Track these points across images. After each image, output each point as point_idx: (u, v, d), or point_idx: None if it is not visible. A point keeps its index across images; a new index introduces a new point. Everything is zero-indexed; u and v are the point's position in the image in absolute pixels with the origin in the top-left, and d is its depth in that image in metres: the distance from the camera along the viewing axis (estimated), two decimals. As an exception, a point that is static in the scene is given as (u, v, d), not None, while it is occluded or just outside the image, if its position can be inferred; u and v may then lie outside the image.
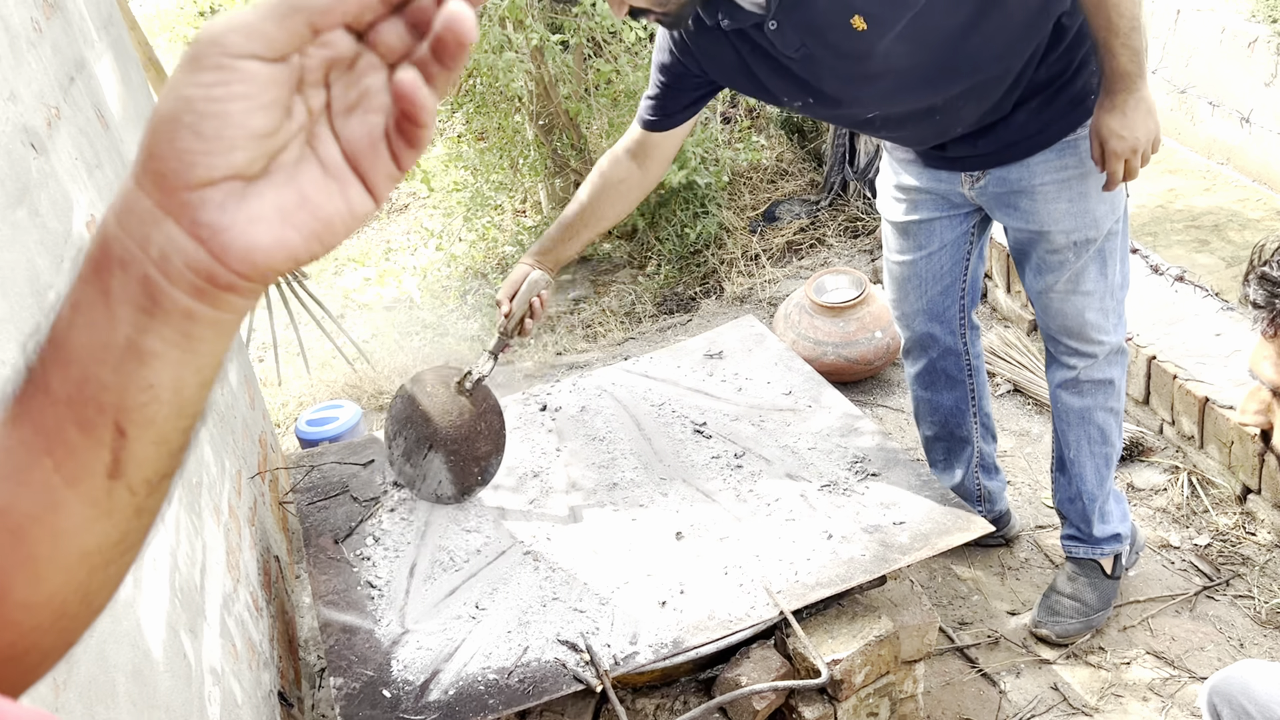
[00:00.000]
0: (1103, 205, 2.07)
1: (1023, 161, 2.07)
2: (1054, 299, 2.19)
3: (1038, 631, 2.37)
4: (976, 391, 2.49)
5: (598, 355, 3.55)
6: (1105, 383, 2.25)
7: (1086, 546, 2.37)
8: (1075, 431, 2.31)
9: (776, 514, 2.09)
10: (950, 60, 1.86)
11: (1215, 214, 4.19)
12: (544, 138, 4.23)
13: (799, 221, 4.14)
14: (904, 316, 2.42)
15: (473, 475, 2.20)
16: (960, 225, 2.28)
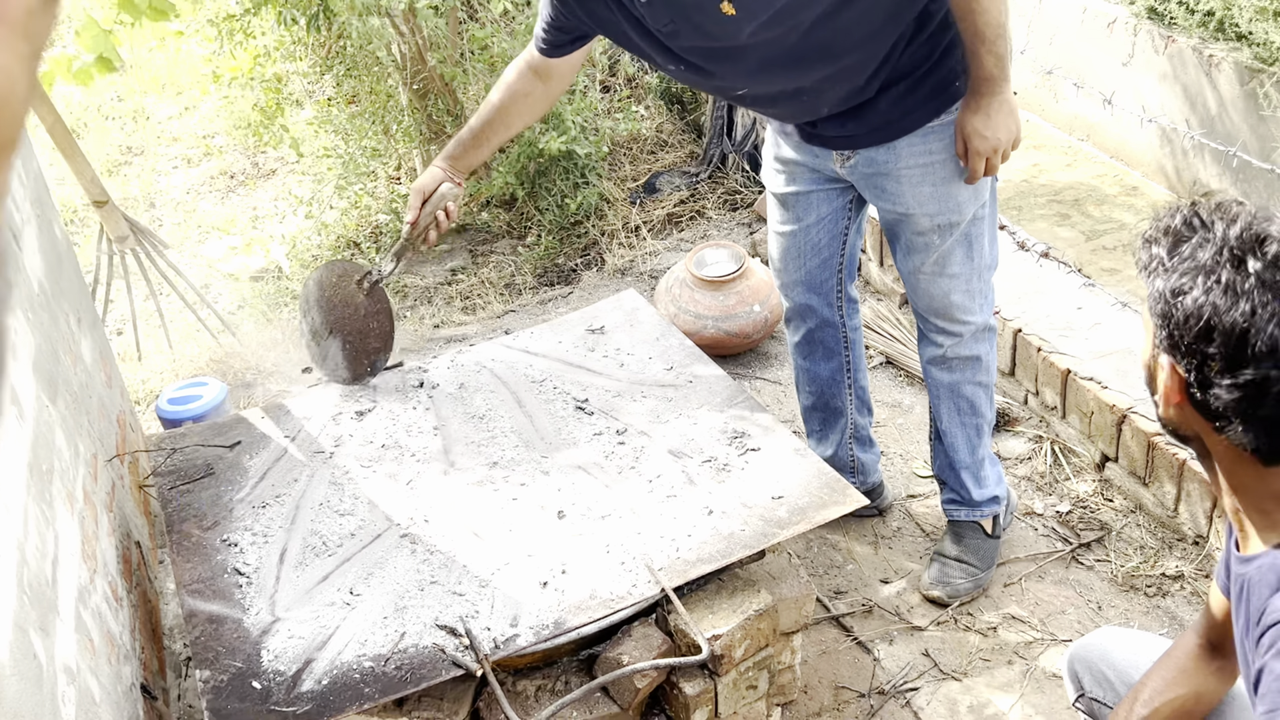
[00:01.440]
0: (966, 190, 2.13)
1: (889, 145, 2.11)
2: (922, 280, 2.25)
3: (929, 594, 2.45)
4: (853, 364, 2.53)
5: (477, 328, 3.49)
6: (973, 359, 2.33)
7: (967, 509, 2.46)
8: (946, 405, 2.39)
9: (658, 491, 2.09)
10: (815, 45, 1.88)
11: (1076, 189, 4.35)
12: (418, 103, 4.11)
13: (679, 194, 4.13)
14: (785, 286, 2.47)
15: (363, 366, 2.39)
16: (837, 200, 2.31)
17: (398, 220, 4.20)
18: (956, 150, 2.06)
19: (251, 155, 5.08)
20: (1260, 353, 1.14)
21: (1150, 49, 4.20)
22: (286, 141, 4.14)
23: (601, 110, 4.19)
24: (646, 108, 4.54)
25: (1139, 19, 4.19)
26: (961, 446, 2.41)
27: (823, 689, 2.27)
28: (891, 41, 1.96)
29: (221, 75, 4.41)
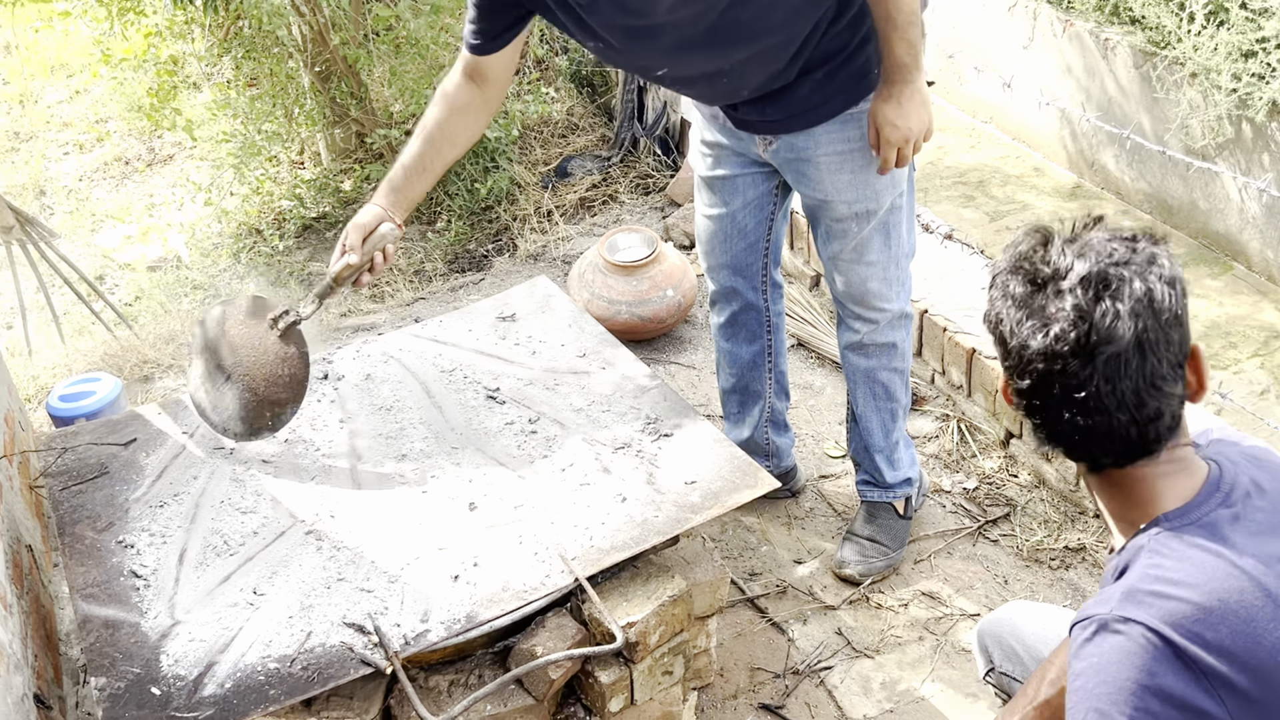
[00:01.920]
0: (884, 179, 2.15)
1: (808, 131, 2.12)
2: (841, 266, 2.27)
3: (842, 572, 2.48)
4: (774, 348, 2.55)
5: (385, 317, 3.43)
6: (889, 345, 2.36)
7: (880, 490, 2.50)
8: (862, 389, 2.42)
9: (571, 479, 2.07)
10: (734, 25, 1.87)
11: (980, 170, 4.43)
12: (321, 86, 4.01)
13: (591, 178, 4.10)
14: (710, 269, 2.47)
15: (264, 419, 2.08)
16: (763, 184, 2.32)
17: (301, 206, 4.10)
18: (869, 140, 2.07)
19: (147, 140, 4.90)
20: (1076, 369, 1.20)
21: (1049, 32, 4.29)
22: (181, 125, 4.00)
23: (510, 93, 4.13)
24: (557, 90, 4.50)
25: (1038, 2, 4.28)
26: (877, 430, 2.44)
27: (739, 671, 2.28)
28: (811, 25, 1.96)
29: (112, 57, 4.24)
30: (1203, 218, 3.86)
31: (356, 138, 4.25)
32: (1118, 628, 1.18)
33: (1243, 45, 3.54)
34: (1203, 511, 1.24)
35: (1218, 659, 1.14)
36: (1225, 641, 1.14)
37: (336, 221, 4.05)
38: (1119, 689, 1.16)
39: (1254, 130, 3.60)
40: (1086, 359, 1.19)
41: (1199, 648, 1.14)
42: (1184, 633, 1.15)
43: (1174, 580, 1.19)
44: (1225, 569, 1.18)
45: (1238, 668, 1.14)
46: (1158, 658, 1.15)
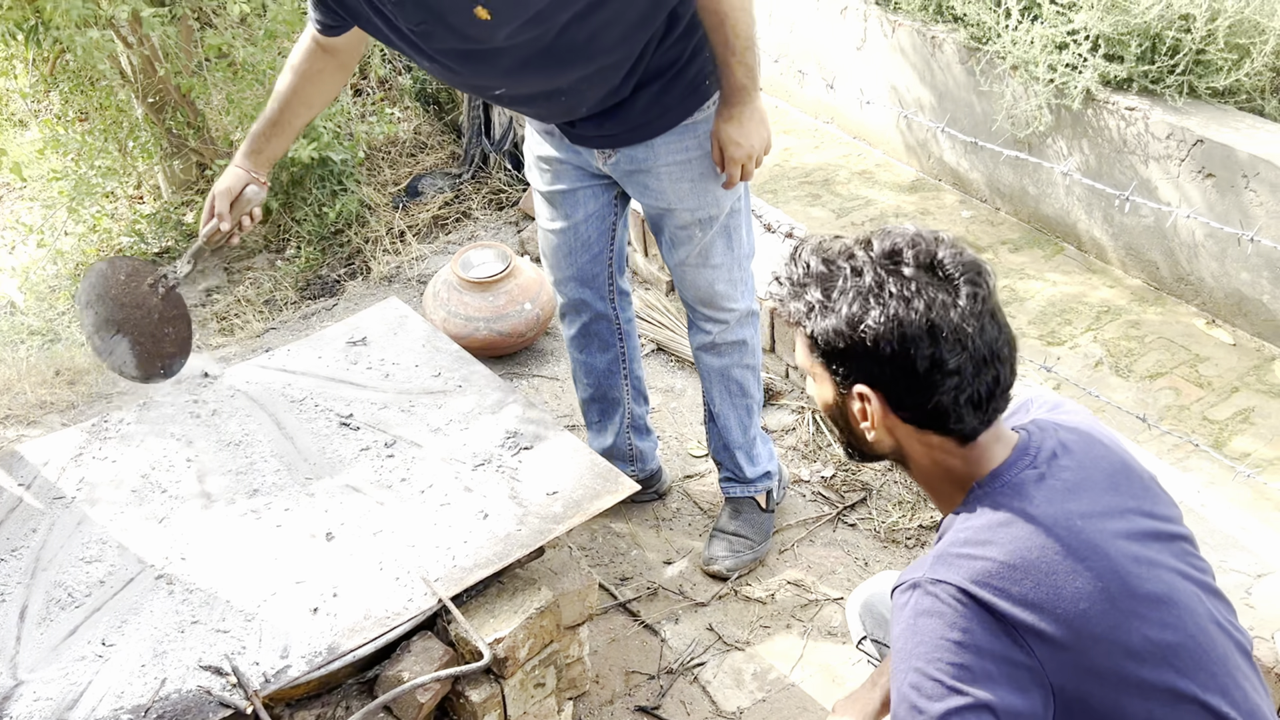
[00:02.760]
0: (721, 186, 2.21)
1: (647, 143, 2.16)
2: (688, 272, 2.32)
3: (710, 569, 2.52)
4: (627, 355, 2.58)
5: (236, 350, 3.34)
6: (739, 343, 2.42)
7: (742, 486, 2.55)
8: (717, 388, 2.47)
9: (431, 500, 2.06)
10: (570, 46, 1.89)
11: (824, 169, 4.57)
12: (155, 117, 3.88)
13: (443, 195, 4.08)
14: (558, 282, 2.49)
15: (155, 368, 2.22)
16: (603, 195, 2.34)
17: (142, 241, 3.96)
18: (714, 157, 2.15)
19: (-28, 182, 4.67)
20: (950, 339, 1.26)
21: (880, 33, 4.46)
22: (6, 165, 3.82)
23: (355, 114, 4.08)
24: (403, 109, 4.46)
25: (868, 4, 4.44)
26: (734, 427, 2.50)
27: (614, 676, 2.30)
28: (644, 42, 2.00)
29: (-73, 98, 4.03)
30: (1033, 202, 4.06)
31: (197, 168, 4.13)
32: (930, 589, 1.25)
33: (1056, 38, 3.75)
34: (1011, 474, 1.32)
35: (1024, 611, 1.21)
36: (1029, 594, 1.22)
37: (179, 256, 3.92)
38: (935, 647, 1.22)
39: (1072, 117, 3.81)
40: (954, 331, 1.26)
41: (1005, 602, 1.21)
42: (990, 589, 1.22)
43: (980, 540, 1.26)
44: (1026, 527, 1.26)
45: (1045, 618, 1.21)
46: (967, 615, 1.21)
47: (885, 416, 1.34)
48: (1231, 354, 3.40)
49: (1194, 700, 1.26)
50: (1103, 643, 1.23)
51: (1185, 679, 1.25)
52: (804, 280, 1.34)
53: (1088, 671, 1.23)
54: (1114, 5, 3.63)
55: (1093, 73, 3.64)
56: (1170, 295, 3.69)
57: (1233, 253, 3.40)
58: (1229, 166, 3.35)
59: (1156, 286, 3.73)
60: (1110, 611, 1.24)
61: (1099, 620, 1.23)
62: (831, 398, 1.39)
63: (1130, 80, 3.68)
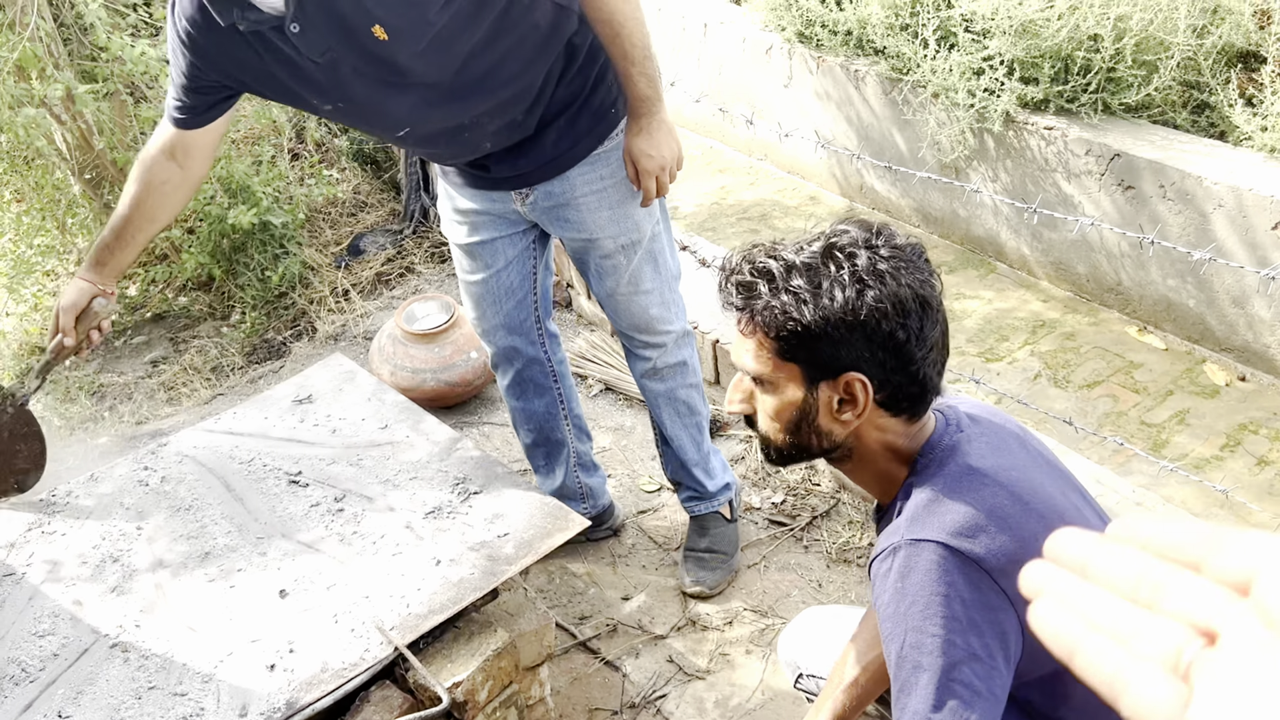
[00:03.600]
0: (640, 210, 2.26)
1: (562, 176, 2.19)
2: (619, 301, 2.35)
3: (690, 591, 2.55)
4: (564, 395, 2.61)
5: (184, 418, 3.33)
6: (679, 364, 2.47)
7: (705, 502, 2.60)
8: (666, 411, 2.52)
9: (383, 550, 2.07)
10: (472, 79, 1.94)
11: (761, 204, 4.67)
12: (93, 192, 3.89)
13: (385, 252, 4.11)
14: (486, 333, 2.51)
15: (9, 485, 2.24)
16: (520, 241, 2.38)
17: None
18: (628, 175, 2.17)
19: (-91, 268, 4.63)
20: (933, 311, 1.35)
21: (805, 70, 4.58)
22: (-57, 249, 3.81)
23: (293, 178, 4.12)
24: (341, 170, 4.50)
25: (791, 44, 4.57)
26: (688, 445, 2.55)
27: (577, 714, 2.31)
28: (543, 73, 2.04)
29: None
30: (964, 225, 4.18)
31: (138, 240, 4.14)
32: (910, 549, 1.29)
33: (973, 64, 3.88)
34: (945, 440, 1.40)
35: (996, 558, 1.27)
36: (997, 539, 1.28)
37: (124, 329, 3.92)
38: (926, 604, 1.26)
39: (994, 139, 3.94)
40: (936, 302, 1.34)
41: (980, 549, 1.27)
42: (965, 539, 1.28)
43: (942, 498, 1.33)
44: (977, 479, 1.35)
45: (1014, 563, 1.27)
46: (949, 567, 1.26)
47: (869, 405, 1.38)
48: (1164, 359, 3.50)
49: None
50: None
51: None
52: (784, 274, 1.34)
53: None
54: (1025, 30, 3.77)
55: (1010, 96, 3.77)
56: (1101, 305, 3.80)
57: (1156, 261, 3.51)
58: (1146, 178, 3.48)
59: (1087, 298, 3.84)
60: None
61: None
62: (798, 398, 1.40)
63: (1047, 101, 3.82)
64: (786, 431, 1.45)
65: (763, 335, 1.38)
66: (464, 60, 1.89)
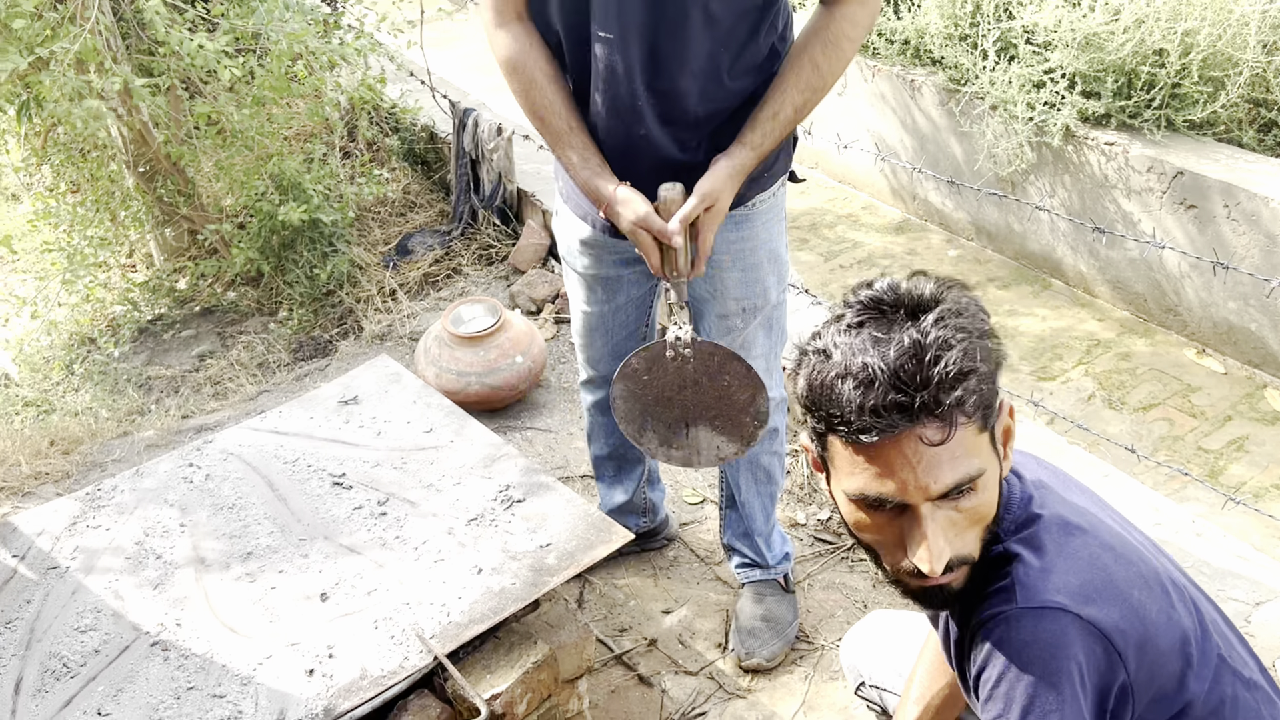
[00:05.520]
0: (772, 277, 2.14)
1: None
2: None
3: (748, 664, 2.39)
4: None
5: (229, 414, 3.34)
6: (771, 431, 2.35)
7: (762, 570, 2.48)
8: (745, 476, 2.39)
9: (425, 557, 2.05)
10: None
11: (811, 214, 4.61)
12: (146, 186, 3.92)
13: (433, 253, 4.11)
14: (590, 359, 2.39)
15: (748, 424, 2.00)
16: (644, 283, 2.24)
17: (135, 309, 3.98)
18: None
19: (-34, 256, 4.71)
20: None
21: (860, 79, 4.52)
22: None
23: (344, 176, 4.13)
24: (391, 170, 4.50)
25: (846, 52, 4.51)
26: (758, 514, 2.43)
27: (616, 729, 2.28)
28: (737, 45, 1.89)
29: (-80, 175, 4.07)
30: (1019, 239, 4.10)
31: (189, 235, 4.17)
32: (1035, 617, 1.22)
33: (1033, 77, 3.80)
34: (1018, 491, 1.34)
35: (1115, 622, 1.22)
36: (1115, 606, 1.24)
37: (173, 323, 3.95)
38: (1046, 670, 1.20)
39: (1053, 154, 3.86)
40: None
41: (1102, 614, 1.22)
42: (1088, 606, 1.22)
43: (1055, 557, 1.26)
44: (1080, 537, 1.29)
45: (1125, 621, 1.23)
46: (1074, 634, 1.21)
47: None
48: (1223, 383, 3.41)
49: (1227, 666, 1.33)
50: (1159, 629, 1.26)
51: (1220, 650, 1.34)
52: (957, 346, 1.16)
53: (1153, 663, 1.26)
54: (1088, 43, 3.69)
55: (1071, 110, 3.69)
56: (1159, 326, 3.71)
57: (1218, 282, 3.42)
58: (1210, 197, 3.39)
59: (1145, 318, 3.75)
60: (1152, 596, 1.27)
61: (1150, 606, 1.26)
62: (995, 466, 1.25)
63: (1108, 116, 3.73)
64: (992, 521, 1.28)
65: (974, 421, 1.19)
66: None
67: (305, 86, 3.72)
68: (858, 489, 1.22)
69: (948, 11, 4.11)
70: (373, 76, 4.03)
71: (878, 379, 1.14)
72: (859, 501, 1.24)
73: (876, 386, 1.14)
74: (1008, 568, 1.28)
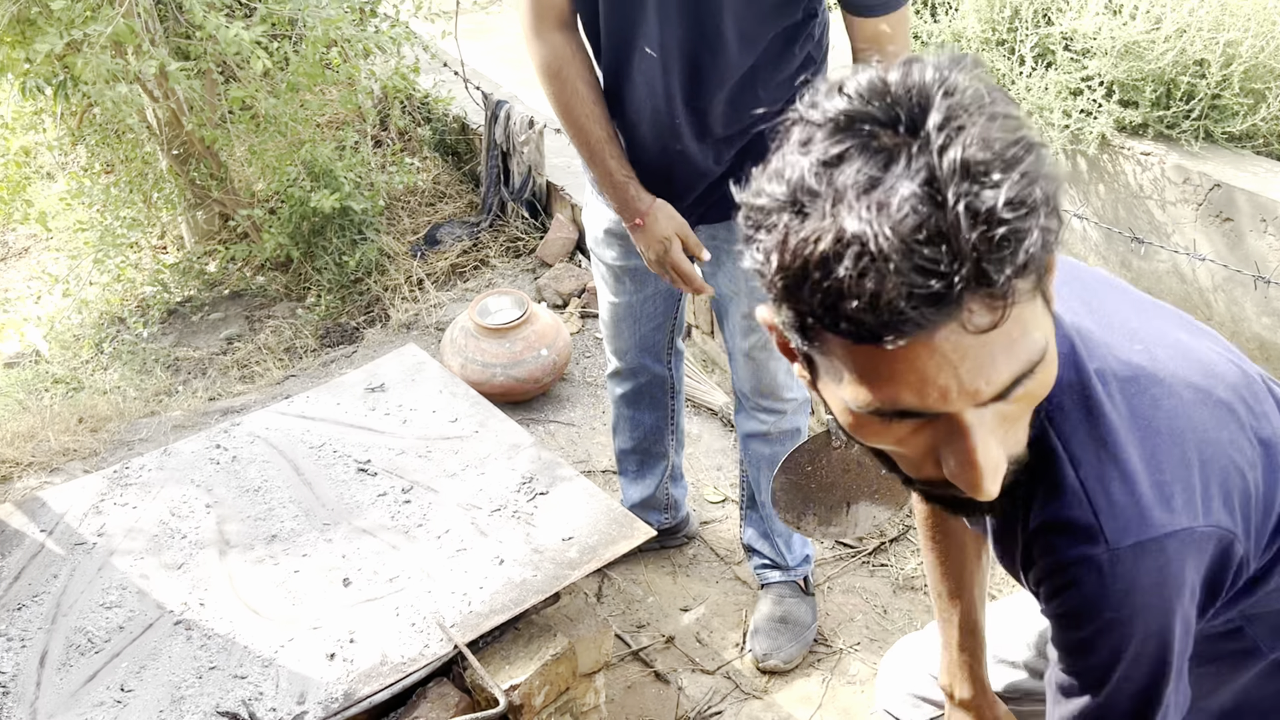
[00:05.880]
0: None
1: (728, 223, 2.08)
2: (751, 361, 2.23)
3: (765, 665, 2.38)
4: (676, 411, 2.53)
5: (256, 397, 3.36)
6: (793, 431, 2.35)
7: (782, 572, 2.47)
8: (765, 475, 2.37)
9: (447, 545, 2.06)
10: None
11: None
12: (179, 168, 3.95)
13: (461, 244, 4.12)
14: (617, 350, 2.41)
15: (902, 489, 2.00)
16: None
17: (165, 291, 4.01)
18: None
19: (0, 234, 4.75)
20: None
21: (893, 81, 4.49)
22: (33, 216, 3.90)
23: (375, 165, 4.14)
24: (422, 160, 4.52)
25: (881, 54, 4.48)
26: None
27: (631, 725, 2.28)
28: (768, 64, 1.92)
29: (-44, 151, 4.11)
30: (1049, 247, 4.07)
31: (220, 219, 4.20)
32: (1133, 555, 0.97)
33: (1070, 84, 3.77)
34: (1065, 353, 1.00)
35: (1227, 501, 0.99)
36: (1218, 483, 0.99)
37: (202, 305, 3.97)
38: (1156, 624, 0.99)
39: (1088, 162, 3.83)
40: None
41: (1211, 506, 0.98)
42: (1188, 507, 0.97)
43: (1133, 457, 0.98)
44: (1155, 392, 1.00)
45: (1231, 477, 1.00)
46: (1183, 554, 0.97)
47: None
48: (1252, 398, 3.37)
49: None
50: (1259, 462, 1.02)
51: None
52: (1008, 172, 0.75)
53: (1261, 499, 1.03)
54: (1127, 51, 3.66)
55: (1108, 118, 3.66)
56: (1189, 339, 3.67)
57: (1250, 298, 3.38)
58: (1246, 211, 3.35)
59: (1175, 331, 3.72)
60: (1239, 420, 1.02)
61: (1242, 439, 1.01)
62: (1047, 315, 0.86)
63: (1145, 125, 3.70)
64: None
65: (1030, 282, 0.80)
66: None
67: (339, 74, 3.74)
68: (869, 403, 0.84)
69: (985, 16, 4.08)
70: (406, 65, 4.04)
71: (891, 256, 0.74)
72: (870, 414, 0.87)
73: (891, 267, 0.74)
74: (1061, 456, 1.00)
